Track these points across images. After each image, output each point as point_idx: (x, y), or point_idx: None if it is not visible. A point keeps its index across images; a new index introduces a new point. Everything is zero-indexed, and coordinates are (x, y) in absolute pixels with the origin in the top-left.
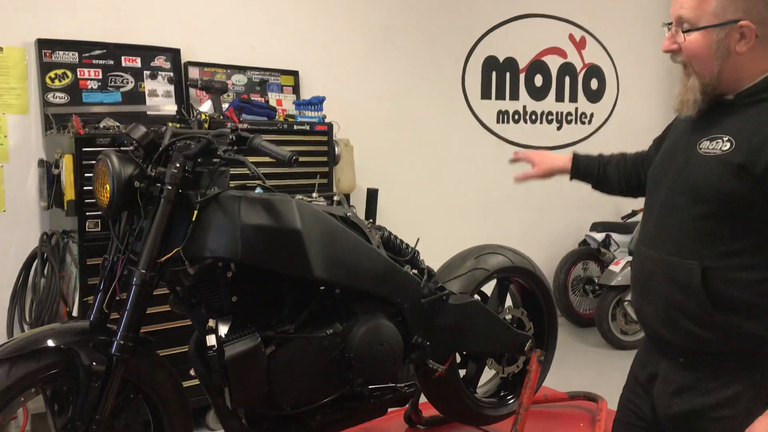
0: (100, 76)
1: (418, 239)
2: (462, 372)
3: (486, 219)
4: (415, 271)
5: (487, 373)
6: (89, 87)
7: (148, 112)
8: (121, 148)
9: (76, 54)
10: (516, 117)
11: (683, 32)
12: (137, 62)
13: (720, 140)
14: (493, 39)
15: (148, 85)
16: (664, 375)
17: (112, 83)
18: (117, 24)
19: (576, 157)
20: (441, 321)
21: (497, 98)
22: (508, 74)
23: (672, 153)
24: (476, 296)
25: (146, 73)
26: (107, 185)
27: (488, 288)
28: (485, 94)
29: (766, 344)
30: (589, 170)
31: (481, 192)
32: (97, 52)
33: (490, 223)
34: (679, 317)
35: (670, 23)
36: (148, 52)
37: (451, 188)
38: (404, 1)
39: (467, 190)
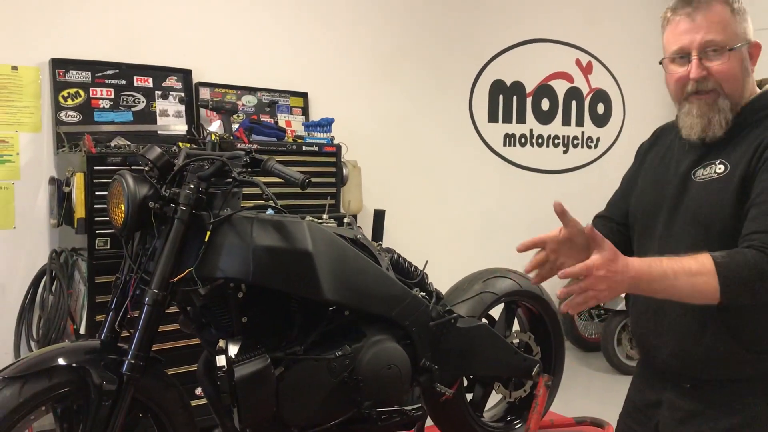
0: (112, 96)
1: (427, 262)
2: (469, 396)
3: (493, 242)
4: (424, 294)
5: (494, 398)
6: (101, 106)
7: (158, 132)
8: (133, 168)
9: (89, 74)
10: (522, 140)
11: (718, 53)
12: (149, 82)
13: (713, 165)
14: (501, 63)
15: (160, 104)
16: (670, 402)
17: (124, 103)
18: (129, 44)
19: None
20: (449, 344)
21: (504, 121)
22: (515, 98)
23: (662, 184)
24: (484, 320)
25: (158, 93)
26: (122, 205)
27: (496, 311)
28: (492, 118)
29: None
30: None
31: (488, 214)
32: (110, 71)
33: (497, 245)
34: (693, 348)
35: (681, 54)
36: (159, 73)
37: (458, 211)
38: (413, 26)
39: (474, 213)
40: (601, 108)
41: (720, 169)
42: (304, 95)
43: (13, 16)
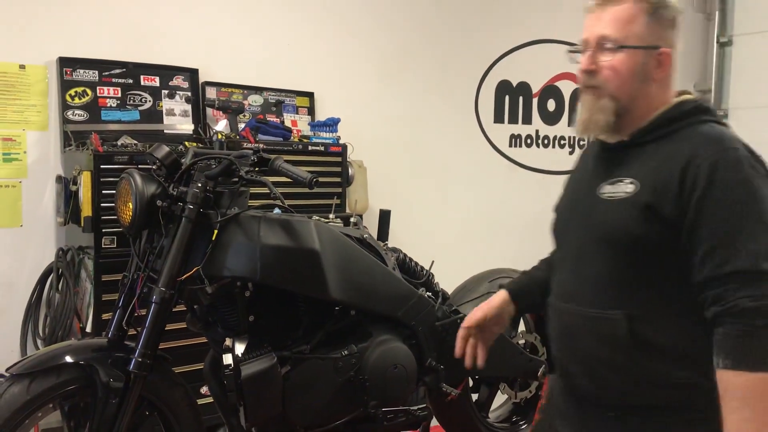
0: (119, 95)
1: (433, 262)
2: (474, 396)
3: (498, 242)
4: (430, 294)
5: (500, 398)
6: (108, 105)
7: (165, 131)
8: (140, 166)
9: (96, 72)
10: (528, 141)
11: (609, 50)
12: (156, 81)
13: (621, 182)
14: (507, 64)
15: (166, 104)
16: None
17: (131, 102)
18: (137, 44)
19: (513, 293)
20: (455, 344)
21: (510, 122)
22: (521, 98)
23: (575, 200)
24: None
25: (164, 92)
26: (130, 203)
27: None
28: (498, 118)
29: (701, 393)
30: (532, 299)
31: (494, 215)
32: (117, 71)
33: (503, 246)
34: (608, 373)
35: (575, 46)
36: (166, 72)
37: (464, 211)
38: (419, 26)
39: (479, 213)
40: None
41: (629, 188)
42: (310, 95)
43: (21, 14)
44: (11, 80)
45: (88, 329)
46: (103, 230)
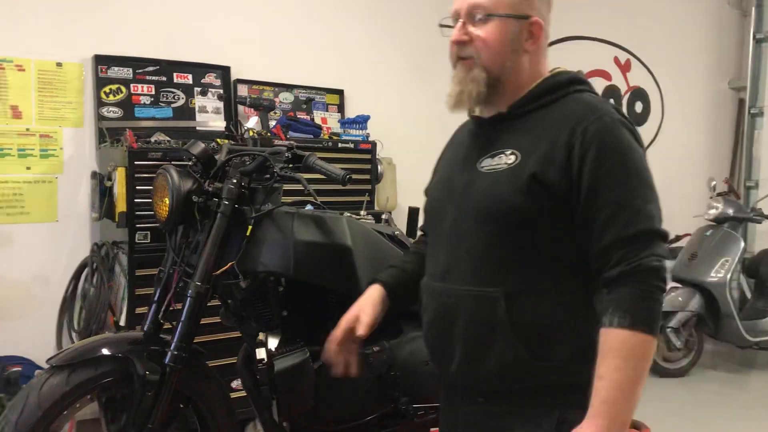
0: (153, 92)
1: None
2: None
3: None
4: None
5: None
6: (142, 102)
7: (197, 128)
8: (173, 162)
9: (131, 70)
10: None
11: (480, 20)
12: (189, 79)
13: (503, 155)
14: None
15: (199, 101)
16: (464, 420)
17: (164, 99)
18: (170, 42)
19: (389, 288)
20: None
21: None
22: None
23: (450, 177)
24: None
25: (197, 89)
26: (166, 199)
27: None
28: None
29: (566, 375)
30: (406, 294)
31: None
32: (151, 68)
33: None
34: (484, 356)
35: (446, 18)
36: (199, 70)
37: None
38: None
39: None
40: (639, 107)
41: (510, 159)
42: (339, 92)
43: (58, 13)
44: (49, 78)
45: (122, 323)
46: (137, 225)
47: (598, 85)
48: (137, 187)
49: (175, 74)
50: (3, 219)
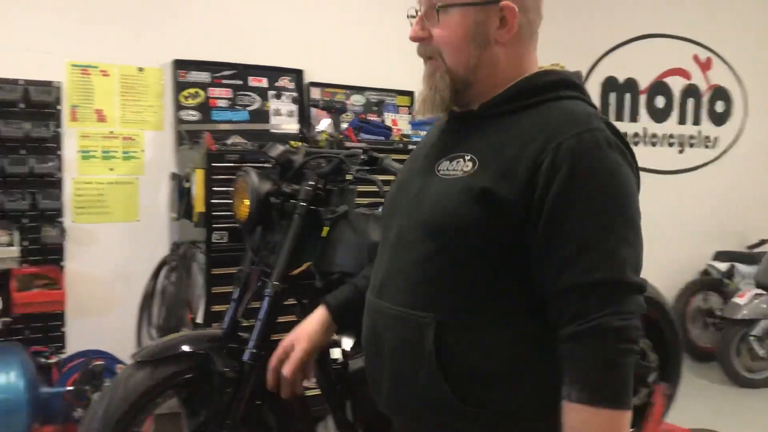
0: (230, 95)
1: None
2: None
3: None
4: None
5: None
6: (218, 105)
7: (271, 130)
8: (249, 165)
9: (208, 74)
10: (635, 139)
11: (436, 10)
12: (263, 82)
13: (461, 159)
14: (613, 59)
15: (273, 104)
16: None
17: (240, 102)
18: (246, 46)
19: (334, 313)
20: None
21: (615, 120)
22: (627, 95)
23: (408, 179)
24: None
25: (271, 92)
26: (246, 200)
27: None
28: (603, 116)
29: (511, 427)
30: (355, 310)
31: None
32: (227, 72)
33: None
34: (404, 390)
35: (416, 11)
36: (273, 73)
37: None
38: None
39: None
40: (720, 106)
41: (468, 166)
42: (410, 94)
43: (140, 20)
44: (131, 82)
45: (199, 320)
46: (214, 226)
47: (677, 84)
48: (215, 189)
49: (250, 78)
50: (87, 218)
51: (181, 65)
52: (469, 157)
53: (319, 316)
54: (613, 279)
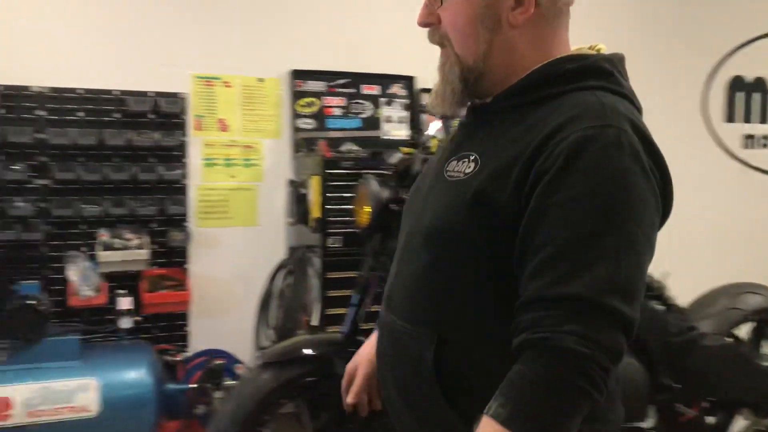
0: (344, 104)
1: (667, 273)
2: (711, 419)
3: (731, 254)
4: (663, 308)
5: (740, 423)
6: (333, 114)
7: (381, 137)
8: (365, 171)
9: (324, 83)
10: (765, 142)
11: None
12: (376, 90)
13: (467, 159)
14: (741, 57)
15: (385, 111)
16: None
17: (353, 110)
18: (359, 55)
19: None
20: (691, 363)
21: (743, 121)
22: (757, 95)
23: (422, 179)
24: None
25: (383, 100)
26: (366, 207)
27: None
28: (729, 117)
29: None
30: None
31: (725, 223)
32: (342, 81)
33: (737, 258)
34: (405, 408)
35: None
36: (385, 80)
37: (691, 219)
38: (641, 22)
39: (709, 221)
40: None
41: (470, 167)
42: None
43: (259, 33)
44: (251, 92)
45: (314, 322)
46: (330, 231)
47: None
48: (330, 195)
49: (363, 86)
50: (210, 222)
51: (298, 75)
52: (473, 157)
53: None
54: (582, 297)
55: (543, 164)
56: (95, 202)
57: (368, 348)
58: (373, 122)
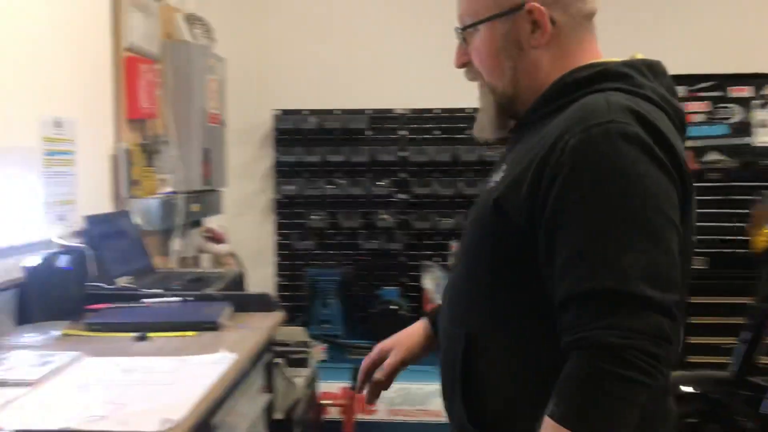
0: (707, 109)
1: None
2: None
3: None
4: None
5: None
6: (695, 120)
7: (752, 144)
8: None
9: (684, 88)
10: None
11: (461, 30)
12: (746, 92)
13: (500, 169)
14: None
15: (759, 114)
16: None
17: (718, 115)
18: (725, 55)
19: (432, 321)
20: None
21: None
22: None
23: (482, 188)
24: None
25: (755, 102)
26: (766, 228)
27: None
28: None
29: None
30: None
31: None
32: (704, 84)
33: None
34: (448, 409)
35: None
36: (758, 81)
37: None
38: None
39: None
40: None
41: (499, 176)
42: None
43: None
44: None
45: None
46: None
47: None
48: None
49: (729, 88)
50: None
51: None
52: (504, 167)
53: (419, 327)
54: (610, 288)
55: (553, 169)
56: (449, 215)
57: (411, 337)
58: (742, 128)
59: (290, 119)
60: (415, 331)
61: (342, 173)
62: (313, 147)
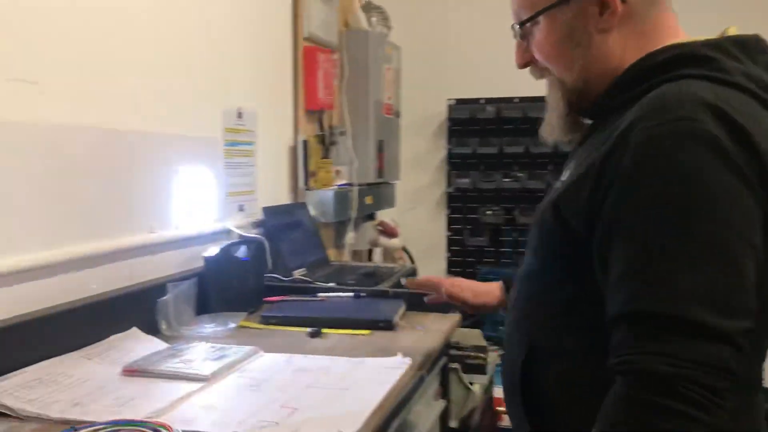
0: None
1: None
2: None
3: None
4: None
5: None
6: None
7: None
8: None
9: None
10: None
11: (519, 26)
12: None
13: (567, 170)
14: None
15: None
16: None
17: None
18: None
19: (506, 282)
20: None
21: None
22: None
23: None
24: None
25: None
26: None
27: None
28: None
29: None
30: None
31: None
32: None
33: None
34: (512, 421)
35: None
36: None
37: None
38: None
39: None
40: None
41: (564, 176)
42: None
43: None
44: None
45: None
46: None
47: None
48: None
49: None
50: None
51: None
52: (570, 166)
53: (501, 292)
54: (662, 313)
55: (612, 173)
56: None
57: (487, 289)
58: None
59: (466, 109)
60: (492, 289)
61: (520, 166)
62: (490, 138)
